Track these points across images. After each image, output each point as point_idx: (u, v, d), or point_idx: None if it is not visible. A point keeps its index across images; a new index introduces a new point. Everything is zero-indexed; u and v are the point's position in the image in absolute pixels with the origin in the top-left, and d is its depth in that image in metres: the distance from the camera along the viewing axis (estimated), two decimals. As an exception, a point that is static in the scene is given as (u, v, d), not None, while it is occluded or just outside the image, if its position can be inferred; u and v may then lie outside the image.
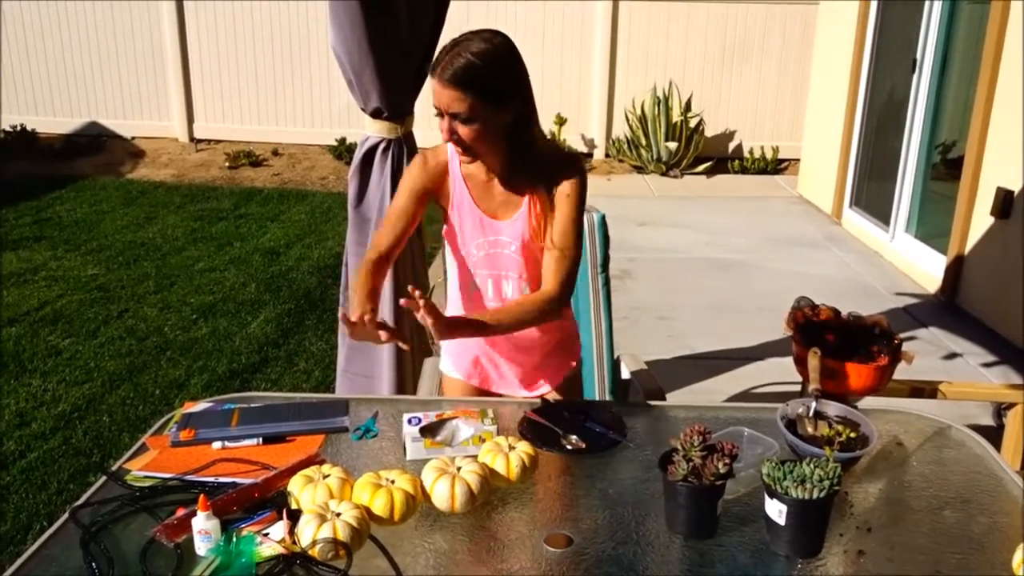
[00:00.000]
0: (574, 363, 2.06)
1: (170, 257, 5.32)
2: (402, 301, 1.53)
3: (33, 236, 5.66)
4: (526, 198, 1.78)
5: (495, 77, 1.63)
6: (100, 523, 1.37)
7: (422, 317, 1.53)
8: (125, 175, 7.36)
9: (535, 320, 1.78)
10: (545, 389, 2.00)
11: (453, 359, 2.03)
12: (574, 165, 1.79)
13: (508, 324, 1.74)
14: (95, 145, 7.95)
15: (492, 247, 1.81)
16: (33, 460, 3.04)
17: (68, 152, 7.75)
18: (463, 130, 1.64)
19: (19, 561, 1.28)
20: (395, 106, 2.58)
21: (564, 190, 1.76)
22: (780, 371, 3.56)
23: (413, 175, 1.82)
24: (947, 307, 4.53)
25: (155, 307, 4.50)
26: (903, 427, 1.73)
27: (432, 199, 1.85)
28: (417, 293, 1.52)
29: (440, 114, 1.65)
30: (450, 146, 1.78)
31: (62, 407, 3.43)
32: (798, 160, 7.27)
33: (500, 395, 2.01)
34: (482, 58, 1.61)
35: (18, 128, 7.86)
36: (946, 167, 5.15)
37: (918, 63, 5.20)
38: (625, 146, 7.66)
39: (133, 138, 8.14)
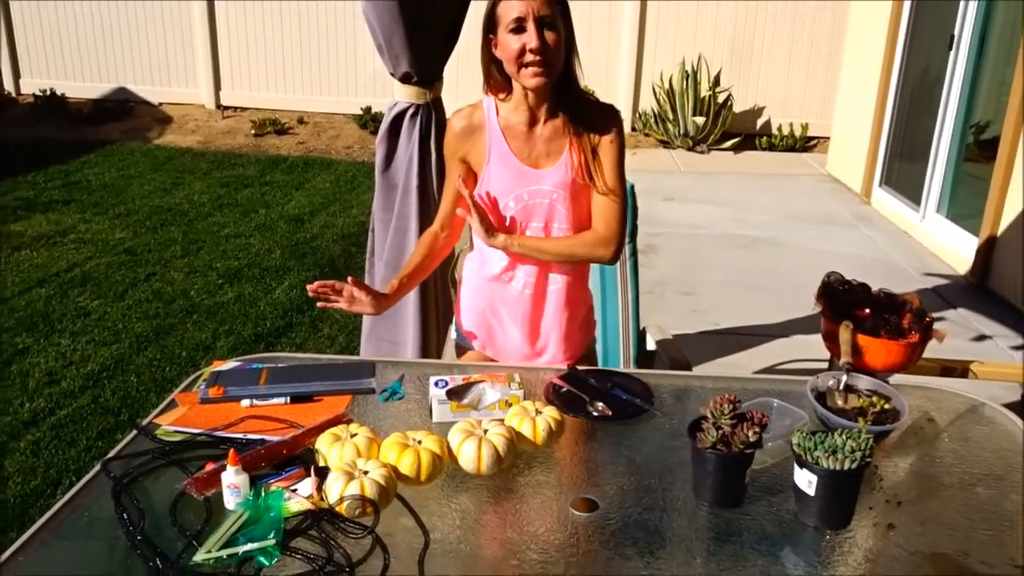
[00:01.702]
0: (588, 342, 2.05)
1: (196, 223, 5.36)
2: (458, 211, 1.84)
3: (62, 199, 5.71)
4: (567, 145, 1.80)
5: None
6: (131, 475, 1.39)
7: (464, 213, 1.79)
8: (152, 141, 7.40)
9: (583, 254, 1.86)
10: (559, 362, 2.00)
11: (467, 327, 2.03)
12: (614, 114, 1.84)
13: (554, 250, 1.84)
14: (123, 110, 7.99)
15: (532, 197, 1.81)
16: (63, 417, 3.09)
17: (96, 117, 7.80)
18: (551, 36, 1.67)
19: (52, 510, 1.30)
20: (424, 71, 2.56)
21: (608, 138, 1.81)
22: (805, 348, 3.53)
23: (449, 144, 1.89)
24: (977, 289, 4.45)
25: (181, 271, 4.54)
26: (934, 403, 1.71)
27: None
28: (466, 193, 1.79)
29: (519, 29, 1.66)
30: (486, 100, 1.81)
31: (91, 366, 3.47)
32: (827, 138, 7.16)
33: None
34: None
35: (47, 92, 7.91)
36: (980, 148, 5.05)
37: (955, 40, 5.08)
38: (652, 120, 7.58)
39: (160, 104, 8.17)
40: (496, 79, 1.80)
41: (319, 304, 1.81)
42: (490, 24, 1.73)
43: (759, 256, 4.93)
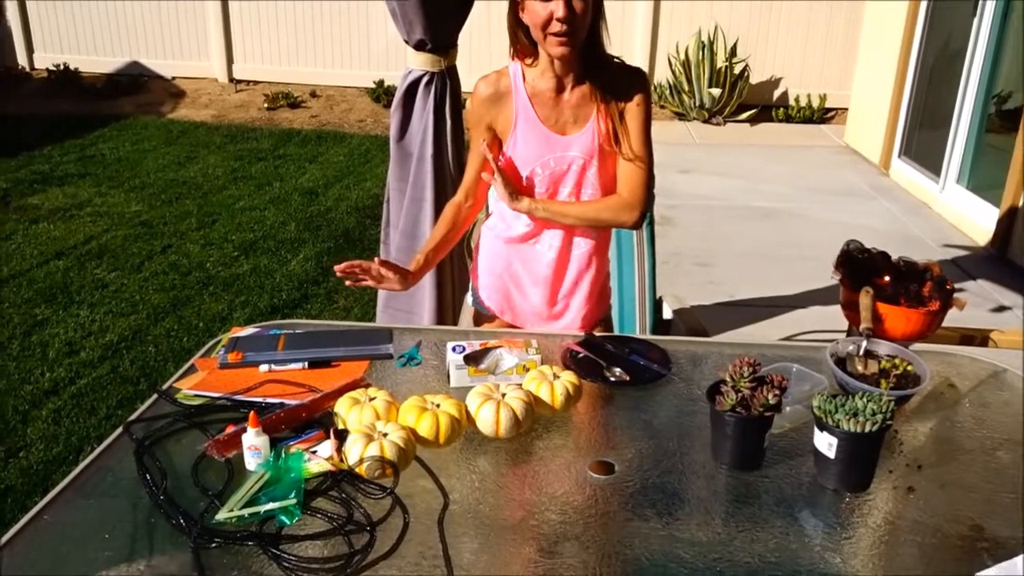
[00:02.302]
0: (605, 309, 2.04)
1: (211, 196, 5.37)
2: (483, 175, 1.82)
3: (78, 173, 5.74)
4: (594, 111, 1.79)
5: None
6: (153, 437, 1.40)
7: (488, 177, 1.77)
8: (166, 115, 7.40)
9: (608, 219, 1.86)
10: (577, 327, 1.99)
11: (484, 293, 2.03)
12: (641, 78, 1.81)
13: (578, 214, 1.83)
14: (136, 84, 7.98)
15: (559, 164, 1.81)
16: (83, 387, 3.13)
17: (110, 91, 7.80)
18: (578, 4, 1.65)
19: (76, 470, 1.32)
20: (439, 38, 2.54)
21: (635, 102, 1.79)
22: (822, 319, 3.51)
23: (474, 111, 1.86)
24: (997, 260, 4.41)
25: (197, 244, 4.56)
26: (955, 369, 1.69)
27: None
28: (491, 156, 1.79)
29: None
30: (513, 66, 1.80)
31: (109, 337, 3.50)
32: (846, 109, 7.06)
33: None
34: None
35: (61, 67, 7.91)
36: (1002, 118, 4.96)
37: (979, 7, 4.98)
38: (667, 92, 7.50)
39: (174, 78, 8.15)
40: (522, 44, 1.77)
41: (347, 283, 1.81)
42: None
43: (776, 228, 4.89)
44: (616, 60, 1.82)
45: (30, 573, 1.11)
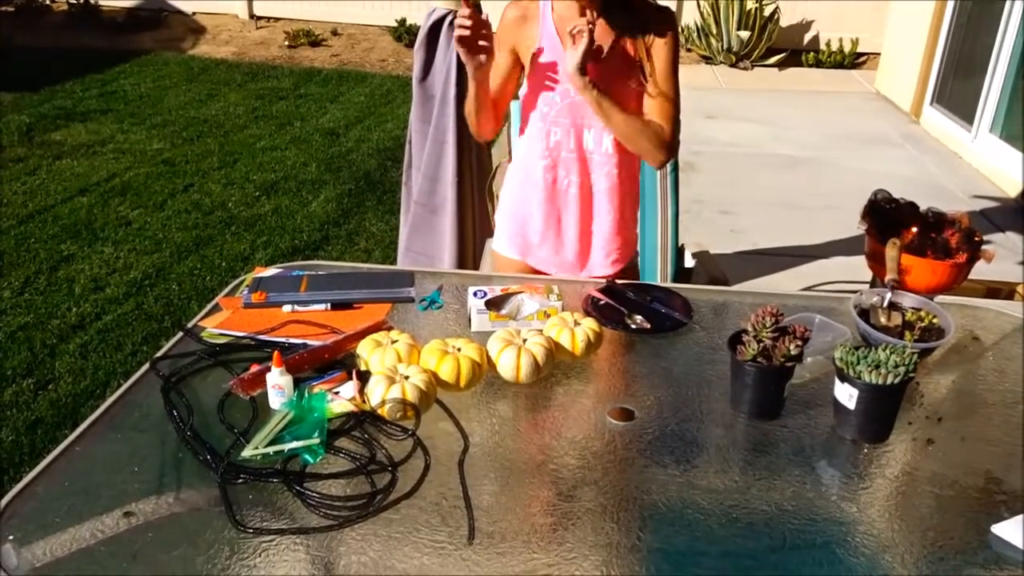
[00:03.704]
0: (626, 261, 2.01)
1: (232, 135, 5.36)
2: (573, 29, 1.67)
3: (100, 109, 5.73)
4: (619, 43, 1.76)
5: None
6: (179, 374, 1.42)
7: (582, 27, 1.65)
8: (186, 51, 7.34)
9: (643, 145, 1.81)
10: (600, 273, 1.99)
11: (506, 237, 2.02)
12: (668, 16, 1.79)
13: (621, 123, 1.77)
14: (157, 19, 7.92)
15: (577, 95, 1.78)
16: (108, 322, 3.18)
17: (131, 26, 7.74)
18: None
19: (106, 404, 1.35)
20: (464, -24, 2.48)
21: (661, 39, 1.77)
22: (845, 270, 3.48)
23: (499, 33, 1.86)
24: (1027, 213, 4.33)
25: (219, 183, 4.57)
26: (979, 322, 1.68)
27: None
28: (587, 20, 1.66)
29: None
30: None
31: (133, 274, 3.54)
32: (877, 55, 6.87)
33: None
34: None
35: (81, 1, 7.85)
36: (1041, 64, 4.82)
37: (1023, -52, 4.79)
38: (695, 34, 7.33)
39: (194, 14, 8.07)
40: None
41: (457, 33, 1.72)
42: None
43: (801, 176, 4.81)
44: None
45: (64, 501, 1.14)
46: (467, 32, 1.72)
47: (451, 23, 2.55)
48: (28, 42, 7.28)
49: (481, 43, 1.75)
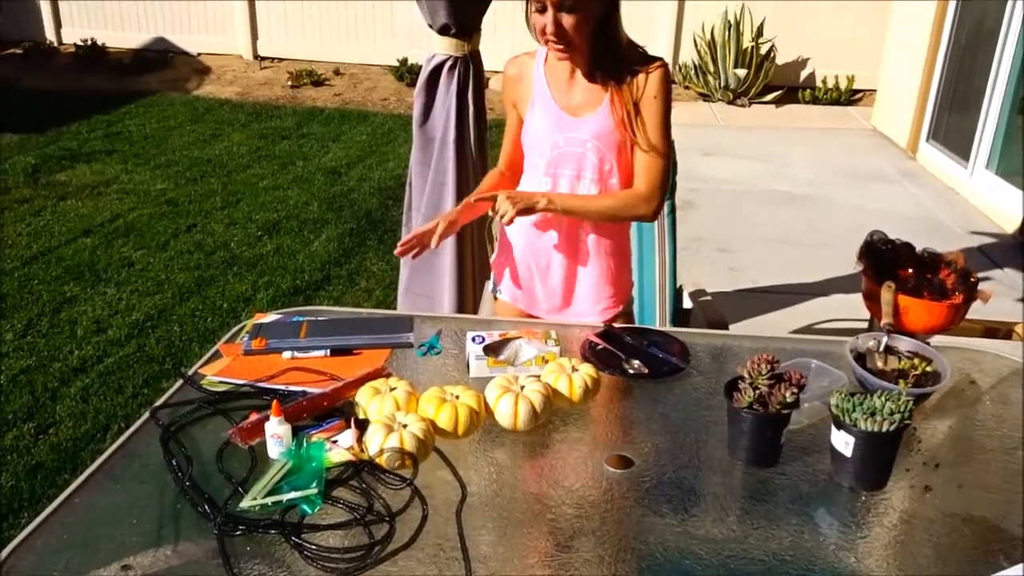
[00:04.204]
0: (622, 305, 2.01)
1: (235, 174, 5.41)
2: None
3: (105, 150, 5.80)
4: (607, 95, 1.79)
5: None
6: (179, 423, 1.43)
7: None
8: (191, 92, 7.44)
9: (626, 215, 1.88)
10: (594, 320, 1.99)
11: (503, 282, 2.04)
12: (659, 67, 1.79)
13: (596, 210, 1.84)
14: (162, 61, 8.03)
15: (567, 144, 1.81)
16: (110, 365, 3.18)
17: (137, 67, 7.85)
18: (567, 20, 1.66)
19: (105, 455, 1.35)
20: (463, 23, 2.53)
21: (651, 91, 1.78)
22: (845, 308, 3.49)
23: (503, 90, 1.96)
24: (1025, 248, 4.35)
25: (222, 223, 4.60)
26: (976, 365, 1.69)
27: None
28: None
29: (542, 9, 1.66)
30: (540, 50, 1.85)
31: (135, 316, 3.56)
32: (874, 91, 6.95)
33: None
34: None
35: (89, 42, 7.97)
36: (1035, 101, 4.87)
37: (1014, -12, 4.87)
38: (692, 72, 7.43)
39: (199, 54, 8.19)
40: None
41: (411, 256, 1.85)
42: None
43: (799, 213, 4.85)
44: (639, 49, 1.81)
45: (63, 554, 1.14)
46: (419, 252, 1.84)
47: (451, 68, 2.59)
48: (35, 84, 7.38)
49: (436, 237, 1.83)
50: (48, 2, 8.21)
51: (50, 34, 8.33)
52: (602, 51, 1.76)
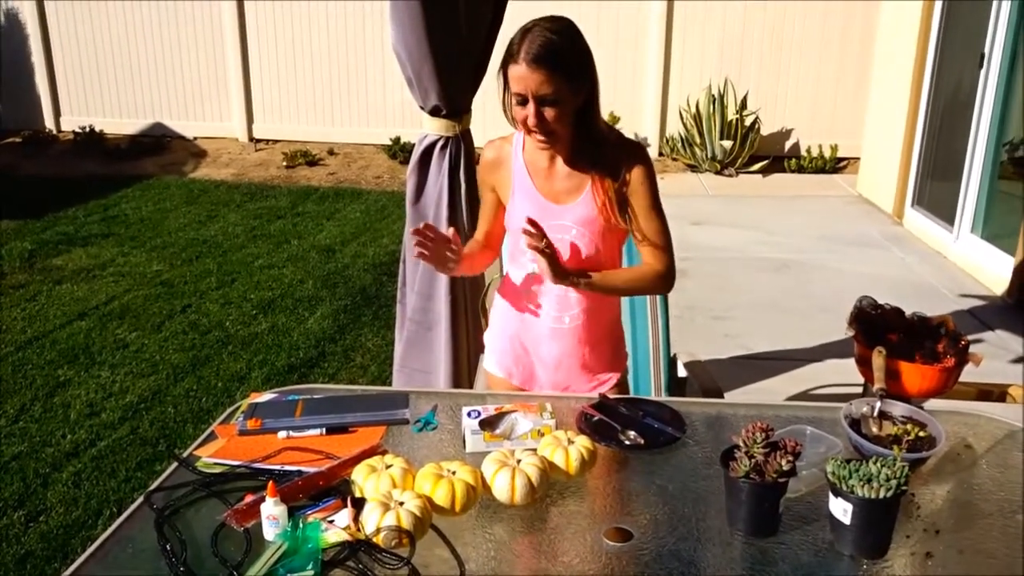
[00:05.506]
0: (618, 375, 2.02)
1: (231, 254, 5.46)
2: (526, 242, 1.71)
3: (101, 233, 5.85)
4: (589, 182, 1.80)
5: (575, 54, 1.68)
6: (173, 507, 1.42)
7: (534, 247, 1.71)
8: (188, 174, 7.56)
9: (649, 290, 2.00)
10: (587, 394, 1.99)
11: (496, 356, 2.04)
12: (639, 152, 1.82)
13: (621, 285, 1.91)
14: (159, 145, 8.18)
15: (552, 231, 1.80)
16: (103, 448, 3.15)
17: (134, 152, 7.99)
18: (549, 112, 1.68)
19: (98, 541, 1.34)
20: (453, 104, 2.61)
21: (636, 179, 1.80)
22: (839, 372, 3.50)
23: (480, 172, 1.97)
24: (1015, 309, 4.38)
25: (217, 303, 4.62)
26: (971, 429, 1.69)
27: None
28: (536, 235, 1.71)
29: (523, 101, 1.68)
30: (517, 135, 1.83)
31: (129, 398, 3.54)
32: (857, 159, 7.11)
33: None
34: (560, 36, 1.66)
35: (87, 129, 8.13)
36: (1014, 165, 4.99)
37: (986, 58, 5.04)
38: (679, 144, 7.60)
39: (195, 138, 8.36)
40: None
41: (416, 252, 1.80)
42: (504, 79, 1.72)
43: (791, 279, 4.90)
44: (616, 134, 1.85)
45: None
46: (425, 252, 1.79)
47: (442, 147, 2.66)
48: (34, 171, 7.50)
49: (448, 254, 1.82)
50: (48, 91, 8.41)
51: (49, 122, 8.50)
52: (582, 139, 1.78)
